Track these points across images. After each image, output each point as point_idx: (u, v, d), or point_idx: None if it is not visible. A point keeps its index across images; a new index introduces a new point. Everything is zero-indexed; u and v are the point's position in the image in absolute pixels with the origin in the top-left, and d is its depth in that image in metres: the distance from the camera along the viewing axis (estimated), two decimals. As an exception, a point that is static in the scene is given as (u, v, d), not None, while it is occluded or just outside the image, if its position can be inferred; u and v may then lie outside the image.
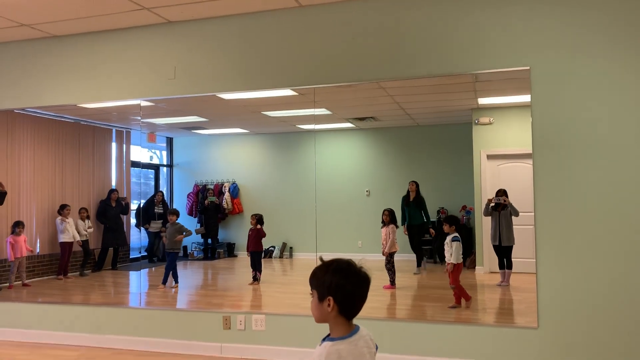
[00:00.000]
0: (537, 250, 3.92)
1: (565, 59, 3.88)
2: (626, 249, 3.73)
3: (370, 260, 5.67)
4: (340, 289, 1.70)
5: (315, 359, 1.67)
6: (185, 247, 7.27)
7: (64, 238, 6.25)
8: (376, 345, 1.81)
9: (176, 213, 6.43)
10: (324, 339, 1.73)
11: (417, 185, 6.13)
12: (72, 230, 6.32)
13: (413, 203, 6.03)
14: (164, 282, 6.09)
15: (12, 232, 5.75)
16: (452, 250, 4.75)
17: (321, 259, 1.79)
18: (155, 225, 6.92)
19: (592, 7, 3.84)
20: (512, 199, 4.73)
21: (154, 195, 7.12)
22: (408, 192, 6.04)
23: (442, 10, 4.16)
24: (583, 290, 3.80)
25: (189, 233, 6.40)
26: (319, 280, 1.73)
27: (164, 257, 6.90)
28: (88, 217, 6.58)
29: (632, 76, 3.76)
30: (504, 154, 5.06)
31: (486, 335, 4.00)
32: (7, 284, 5.71)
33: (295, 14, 4.52)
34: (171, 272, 6.15)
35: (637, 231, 3.72)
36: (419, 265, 5.98)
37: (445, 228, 4.86)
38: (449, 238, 4.81)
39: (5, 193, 5.57)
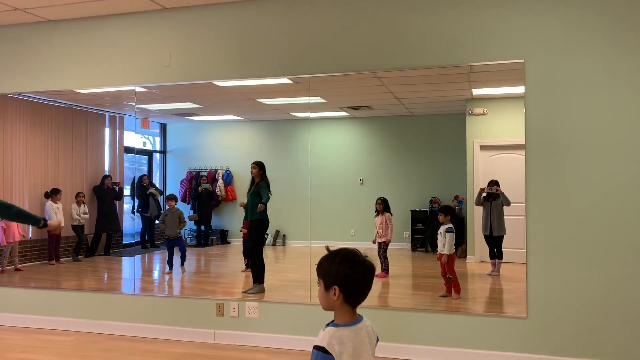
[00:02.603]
0: (527, 241, 3.97)
1: (560, 52, 3.90)
2: (616, 241, 3.79)
3: (363, 249, 5.69)
4: (346, 278, 1.73)
5: (318, 341, 1.72)
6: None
7: None
8: (377, 337, 1.85)
9: (174, 198, 6.46)
10: (327, 324, 1.78)
11: (262, 168, 5.44)
12: (59, 217, 6.29)
13: (252, 192, 5.45)
14: (182, 263, 6.22)
15: (5, 217, 5.74)
16: (445, 241, 4.79)
17: (327, 249, 1.82)
18: (153, 209, 6.93)
19: (588, 3, 3.85)
20: (504, 189, 4.77)
21: (140, 180, 7.06)
22: (253, 178, 5.52)
23: (437, 1, 4.16)
24: (572, 281, 3.86)
25: (184, 223, 6.46)
26: (326, 269, 1.77)
27: (152, 242, 6.92)
28: (84, 203, 6.57)
29: (625, 72, 3.79)
30: (496, 144, 5.09)
31: (476, 325, 4.06)
32: (0, 269, 5.71)
33: (292, 3, 4.51)
34: (167, 258, 6.20)
35: (627, 224, 3.77)
36: (255, 281, 5.12)
37: (441, 218, 4.88)
38: (443, 228, 4.84)
39: None
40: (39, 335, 4.84)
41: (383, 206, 5.65)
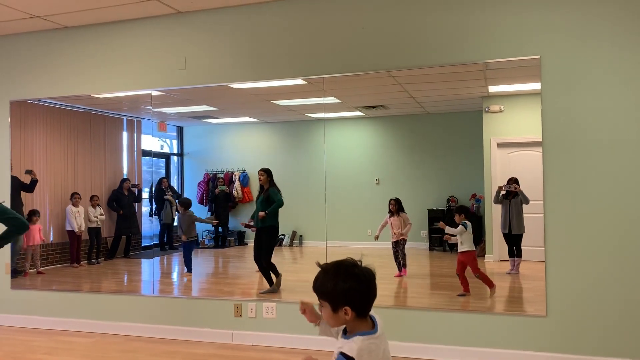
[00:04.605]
0: (546, 239, 3.93)
1: (576, 48, 3.85)
2: (636, 238, 3.73)
3: (380, 249, 5.68)
4: (356, 295, 1.66)
5: (347, 350, 1.63)
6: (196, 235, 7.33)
7: (70, 226, 6.33)
8: None
9: (185, 204, 6.54)
10: (345, 332, 1.71)
11: (270, 175, 5.47)
12: (79, 220, 6.38)
13: (261, 199, 5.49)
14: (189, 269, 6.22)
15: (28, 221, 5.83)
16: (462, 239, 4.77)
17: (319, 265, 1.73)
18: (167, 215, 7.00)
19: (605, -6, 3.80)
20: (523, 187, 4.71)
21: (159, 183, 7.14)
22: (261, 185, 5.50)
23: (452, -2, 4.13)
24: (592, 279, 3.81)
25: (199, 219, 6.53)
26: (331, 290, 1.68)
27: (171, 244, 6.99)
28: (99, 205, 6.64)
29: (644, 64, 3.72)
30: (514, 142, 5.04)
31: (495, 323, 4.02)
32: (22, 272, 5.80)
33: (305, 4, 4.51)
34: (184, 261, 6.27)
35: (648, 220, 3.70)
36: (270, 284, 5.19)
37: (457, 218, 4.88)
38: (458, 229, 4.82)
39: (37, 181, 5.77)
40: (61, 337, 4.91)
41: (397, 207, 5.62)
